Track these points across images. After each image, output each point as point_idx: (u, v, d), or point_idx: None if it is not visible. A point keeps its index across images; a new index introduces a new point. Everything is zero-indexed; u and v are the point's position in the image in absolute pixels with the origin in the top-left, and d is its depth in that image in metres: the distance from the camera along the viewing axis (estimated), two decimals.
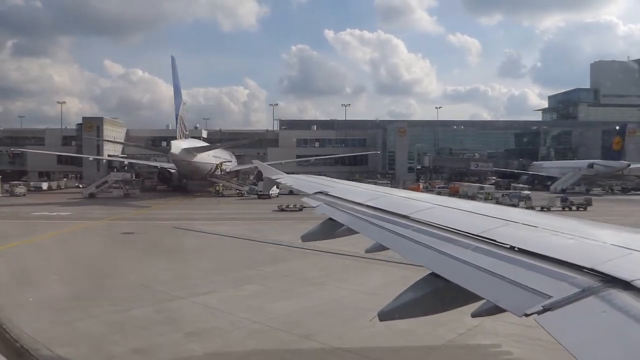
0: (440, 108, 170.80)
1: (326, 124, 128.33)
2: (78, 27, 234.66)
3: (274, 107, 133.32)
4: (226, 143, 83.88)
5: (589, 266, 3.31)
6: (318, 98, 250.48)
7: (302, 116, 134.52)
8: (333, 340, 13.97)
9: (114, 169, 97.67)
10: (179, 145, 65.38)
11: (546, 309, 2.95)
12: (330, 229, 7.46)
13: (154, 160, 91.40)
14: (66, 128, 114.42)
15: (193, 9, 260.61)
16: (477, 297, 3.71)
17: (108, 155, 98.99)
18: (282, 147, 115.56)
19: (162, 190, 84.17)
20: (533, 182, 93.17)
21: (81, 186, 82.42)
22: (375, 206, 6.81)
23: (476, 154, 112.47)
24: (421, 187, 77.89)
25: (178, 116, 68.74)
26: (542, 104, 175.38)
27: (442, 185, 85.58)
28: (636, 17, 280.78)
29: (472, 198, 60.14)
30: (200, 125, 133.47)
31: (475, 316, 3.88)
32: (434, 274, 4.27)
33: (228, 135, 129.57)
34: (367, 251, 6.39)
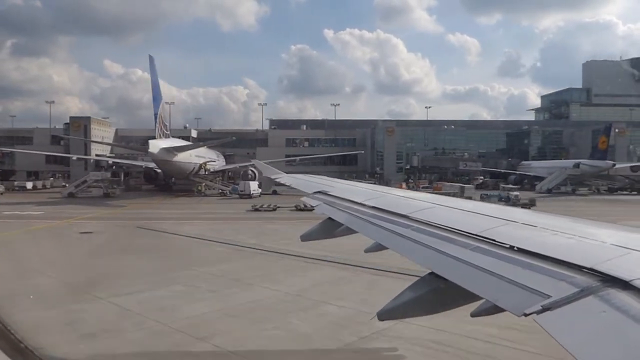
0: (430, 108, 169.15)
1: (316, 123, 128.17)
2: (77, 27, 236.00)
3: (263, 107, 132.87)
4: (209, 142, 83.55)
5: (588, 266, 3.30)
6: (318, 98, 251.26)
7: (302, 116, 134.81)
8: (229, 343, 13.70)
9: (102, 168, 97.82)
10: (157, 144, 65.15)
11: (545, 309, 2.94)
12: (330, 228, 7.46)
13: (142, 160, 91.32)
14: (55, 127, 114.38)
15: (193, 9, 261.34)
16: (476, 296, 3.71)
17: (96, 155, 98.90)
18: (272, 147, 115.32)
19: (147, 189, 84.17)
20: (521, 182, 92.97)
21: (67, 185, 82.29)
22: (375, 206, 6.79)
23: (466, 153, 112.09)
24: (404, 187, 77.59)
25: (157, 115, 68.51)
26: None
27: (426, 185, 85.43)
28: (635, 17, 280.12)
29: None
30: (194, 125, 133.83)
31: (474, 316, 3.88)
32: (433, 274, 4.27)
33: (218, 135, 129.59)
34: (367, 251, 6.40)
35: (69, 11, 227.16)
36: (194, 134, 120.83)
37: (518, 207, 53.74)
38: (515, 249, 3.99)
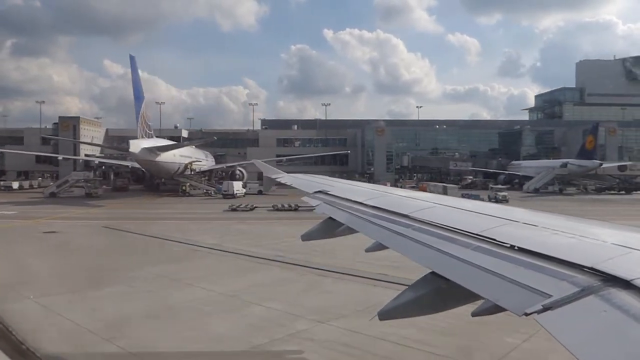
0: (421, 107, 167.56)
1: (308, 123, 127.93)
2: (77, 27, 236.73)
3: (253, 107, 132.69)
4: (192, 142, 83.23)
5: (589, 265, 3.29)
6: (318, 98, 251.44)
7: (302, 116, 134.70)
8: (136, 344, 13.45)
9: (91, 168, 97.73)
10: (138, 144, 64.91)
11: (546, 308, 2.93)
12: (330, 228, 7.48)
13: (130, 160, 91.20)
14: (46, 127, 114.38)
15: (192, 9, 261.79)
16: (477, 296, 3.69)
17: (85, 155, 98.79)
18: (263, 147, 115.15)
19: (134, 189, 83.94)
20: (510, 182, 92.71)
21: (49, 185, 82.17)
22: (376, 205, 6.76)
23: (456, 153, 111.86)
24: (389, 186, 77.35)
25: (139, 115, 68.27)
26: None
27: (412, 184, 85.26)
28: (635, 17, 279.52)
29: None
30: (187, 125, 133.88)
31: (475, 315, 3.85)
32: (434, 273, 4.24)
33: (209, 135, 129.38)
34: (367, 250, 6.39)
35: (68, 11, 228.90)
36: (184, 134, 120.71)
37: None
38: (516, 248, 3.97)
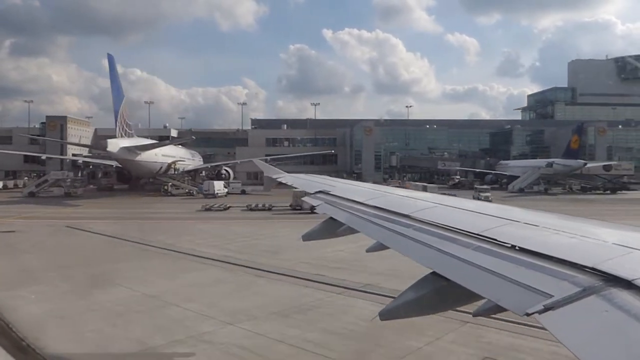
0: (411, 107, 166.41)
1: (298, 123, 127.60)
2: (76, 27, 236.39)
3: (242, 107, 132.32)
4: (175, 140, 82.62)
5: (590, 265, 3.27)
6: (317, 97, 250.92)
7: (301, 115, 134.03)
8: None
9: (78, 168, 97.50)
10: (117, 143, 64.51)
11: (547, 308, 2.92)
12: (331, 228, 7.49)
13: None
14: (35, 127, 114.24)
15: (191, 9, 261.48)
16: (478, 296, 3.69)
17: (72, 155, 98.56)
18: (252, 147, 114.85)
19: (119, 189, 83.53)
20: (497, 182, 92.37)
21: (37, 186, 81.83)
22: (376, 205, 6.74)
23: (445, 153, 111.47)
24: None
25: (118, 114, 67.89)
26: None
27: (397, 184, 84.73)
28: (634, 17, 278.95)
29: None
30: (178, 125, 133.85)
31: (476, 315, 3.85)
32: (435, 273, 4.23)
33: (199, 135, 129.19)
34: (368, 250, 6.37)
35: (67, 11, 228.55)
36: (174, 133, 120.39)
37: None
38: (517, 248, 3.96)
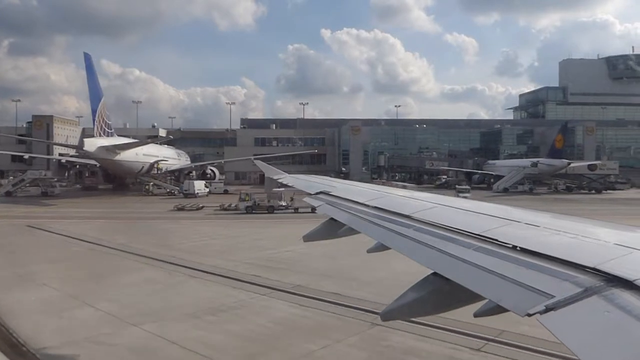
0: (399, 107, 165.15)
1: (287, 123, 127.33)
2: (74, 26, 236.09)
3: (230, 106, 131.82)
4: (155, 139, 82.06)
5: (592, 265, 3.27)
6: (315, 97, 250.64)
7: (299, 115, 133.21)
8: None
9: (65, 167, 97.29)
10: (94, 143, 64.09)
11: (549, 309, 2.91)
12: (332, 228, 7.50)
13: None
14: (22, 126, 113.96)
15: (190, 9, 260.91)
16: (479, 296, 3.69)
17: (59, 154, 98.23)
18: (240, 146, 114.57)
19: (104, 189, 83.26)
20: (484, 181, 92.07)
21: (27, 185, 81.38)
22: (377, 206, 6.75)
23: (434, 153, 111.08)
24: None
25: (96, 113, 67.45)
26: None
27: (380, 183, 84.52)
28: (632, 16, 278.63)
29: None
30: (168, 125, 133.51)
31: (477, 316, 3.83)
32: (436, 274, 4.24)
33: (188, 134, 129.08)
34: (369, 251, 6.33)
35: (65, 10, 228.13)
36: (162, 133, 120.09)
37: None
38: (518, 249, 3.95)
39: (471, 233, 4.60)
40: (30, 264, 23.57)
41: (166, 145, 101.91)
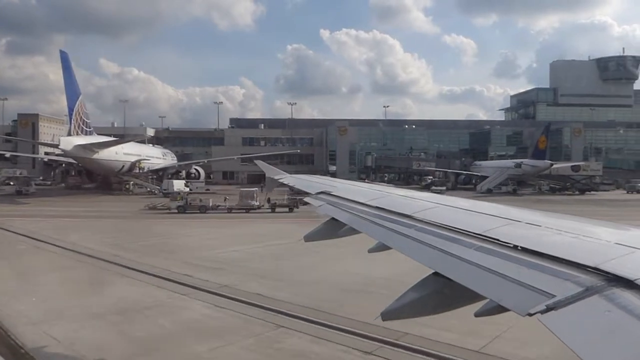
0: (388, 107, 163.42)
1: (275, 123, 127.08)
2: (73, 26, 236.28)
3: (218, 105, 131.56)
4: (134, 137, 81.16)
5: (593, 265, 3.26)
6: (314, 97, 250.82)
7: (297, 115, 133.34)
8: None
9: (50, 166, 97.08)
10: (70, 141, 63.58)
11: (550, 309, 2.91)
12: (333, 228, 7.50)
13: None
14: (9, 125, 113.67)
15: (189, 8, 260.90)
16: (480, 296, 3.70)
17: (44, 153, 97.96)
18: (228, 146, 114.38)
19: (87, 188, 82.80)
20: (470, 182, 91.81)
21: (11, 184, 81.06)
22: (378, 206, 6.75)
23: (422, 153, 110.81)
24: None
25: (73, 111, 66.92)
26: None
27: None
28: (630, 18, 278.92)
29: None
30: (159, 124, 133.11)
31: (478, 315, 3.83)
32: (437, 274, 4.26)
33: (176, 134, 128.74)
34: (370, 251, 6.33)
35: (64, 9, 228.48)
36: (150, 132, 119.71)
37: None
38: (519, 248, 3.96)
39: (472, 233, 4.60)
40: None
41: (151, 145, 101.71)
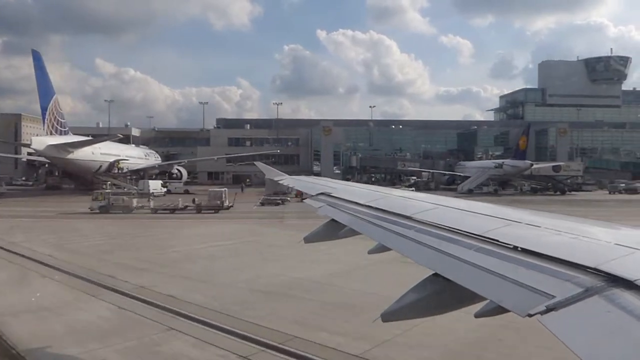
0: (374, 107, 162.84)
1: (263, 123, 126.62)
2: (70, 26, 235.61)
3: (204, 106, 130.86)
4: (110, 136, 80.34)
5: (593, 265, 3.24)
6: (311, 98, 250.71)
7: (295, 116, 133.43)
8: None
9: (34, 167, 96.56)
10: (43, 141, 62.94)
11: (550, 309, 2.90)
12: (333, 230, 7.48)
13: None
14: None
15: (186, 8, 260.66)
16: (480, 297, 3.70)
17: (27, 154, 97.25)
18: (213, 146, 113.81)
19: (66, 188, 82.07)
20: (454, 182, 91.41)
21: None
22: (378, 207, 6.74)
23: (408, 154, 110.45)
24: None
25: (47, 111, 66.25)
26: None
27: None
28: (626, 19, 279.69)
29: None
30: (147, 124, 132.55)
31: (478, 316, 3.84)
32: (437, 275, 4.26)
33: (163, 134, 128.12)
34: (370, 252, 6.36)
35: (60, 9, 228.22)
36: (135, 132, 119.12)
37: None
38: (519, 249, 3.95)
39: (472, 234, 4.59)
40: None
41: (134, 145, 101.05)
